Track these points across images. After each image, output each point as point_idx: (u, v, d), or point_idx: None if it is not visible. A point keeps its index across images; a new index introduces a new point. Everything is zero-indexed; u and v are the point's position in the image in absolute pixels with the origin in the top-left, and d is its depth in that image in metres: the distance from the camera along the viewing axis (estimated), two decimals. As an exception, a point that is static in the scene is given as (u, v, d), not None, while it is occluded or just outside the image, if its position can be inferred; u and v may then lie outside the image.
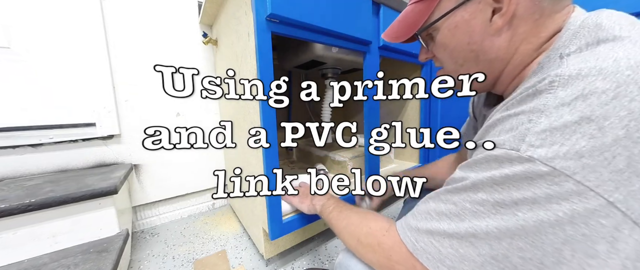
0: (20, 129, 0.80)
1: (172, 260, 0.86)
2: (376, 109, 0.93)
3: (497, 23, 0.31)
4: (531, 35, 0.31)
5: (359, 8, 0.79)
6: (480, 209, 0.25)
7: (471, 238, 0.26)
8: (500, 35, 0.32)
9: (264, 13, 0.60)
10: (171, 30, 1.06)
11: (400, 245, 0.33)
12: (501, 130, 0.27)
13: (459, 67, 0.38)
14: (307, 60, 1.00)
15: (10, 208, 0.58)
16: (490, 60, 0.34)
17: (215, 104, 1.21)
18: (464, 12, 0.34)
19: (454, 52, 0.37)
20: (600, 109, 0.20)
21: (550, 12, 0.30)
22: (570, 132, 0.21)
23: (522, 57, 0.32)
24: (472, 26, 0.33)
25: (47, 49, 0.83)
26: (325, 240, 0.95)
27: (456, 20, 0.35)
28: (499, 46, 0.33)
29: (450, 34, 0.36)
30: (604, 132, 0.20)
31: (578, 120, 0.21)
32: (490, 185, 0.25)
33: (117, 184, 0.71)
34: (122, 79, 0.97)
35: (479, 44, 0.34)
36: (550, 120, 0.22)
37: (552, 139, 0.22)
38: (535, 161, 0.22)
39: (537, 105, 0.24)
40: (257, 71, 0.62)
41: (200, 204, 1.24)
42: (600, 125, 0.20)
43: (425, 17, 0.38)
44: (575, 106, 0.21)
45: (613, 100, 0.20)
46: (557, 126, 0.22)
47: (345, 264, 0.45)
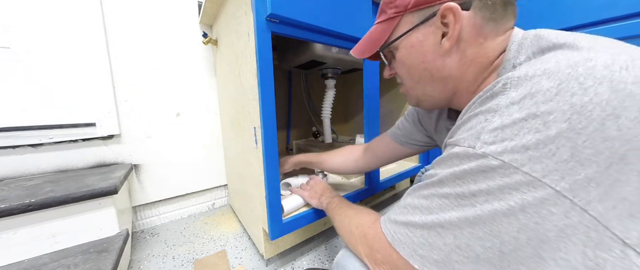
0: (20, 129, 0.80)
1: (172, 260, 0.86)
2: (376, 109, 0.93)
3: (445, 45, 0.35)
4: (479, 56, 0.34)
5: (358, 8, 0.79)
6: (446, 202, 0.28)
7: (438, 228, 0.28)
8: (451, 56, 0.35)
9: (264, 13, 0.60)
10: (171, 30, 1.06)
11: (381, 236, 0.36)
12: (463, 130, 0.29)
13: (415, 83, 0.41)
14: (307, 60, 1.00)
15: (10, 208, 0.58)
16: (444, 78, 0.37)
17: (215, 104, 1.21)
18: (418, 33, 0.37)
19: (410, 69, 0.40)
20: (544, 105, 0.22)
21: (494, 35, 0.34)
22: (518, 128, 0.23)
23: (474, 75, 0.35)
24: (425, 47, 0.37)
25: (47, 49, 0.83)
26: (325, 240, 0.95)
27: (412, 40, 0.38)
28: (450, 66, 0.36)
29: (407, 53, 0.39)
30: (548, 126, 0.21)
31: (525, 117, 0.23)
32: (453, 180, 0.27)
33: (117, 184, 0.71)
34: (122, 79, 0.97)
35: (431, 63, 0.37)
36: (502, 118, 0.24)
37: (502, 135, 0.24)
38: (487, 156, 0.24)
39: (492, 105, 0.26)
40: (257, 71, 0.62)
41: (200, 204, 1.24)
42: (544, 119, 0.22)
43: (386, 36, 0.41)
44: (523, 104, 0.23)
45: (556, 96, 0.22)
46: (507, 123, 0.24)
47: (343, 263, 0.46)
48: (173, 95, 1.09)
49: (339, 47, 0.80)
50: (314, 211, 0.77)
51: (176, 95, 1.10)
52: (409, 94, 0.45)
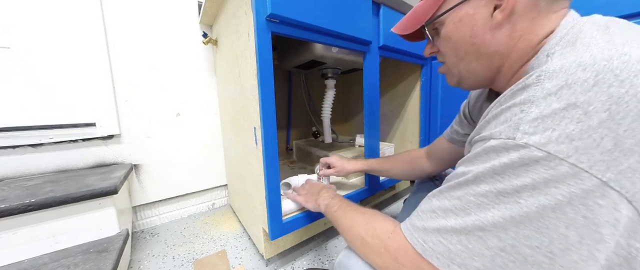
0: (20, 129, 0.80)
1: (172, 260, 0.86)
2: (376, 109, 0.93)
3: (497, 18, 0.33)
4: (528, 32, 0.33)
5: (359, 8, 0.79)
6: (485, 201, 0.26)
7: (479, 232, 0.26)
8: (501, 30, 0.34)
9: (264, 13, 0.60)
10: (171, 30, 1.06)
11: (407, 247, 0.33)
12: (497, 124, 0.28)
13: (459, 60, 0.40)
14: (307, 60, 1.00)
15: (10, 208, 0.58)
16: (490, 54, 0.36)
17: (215, 104, 1.21)
18: (469, 7, 0.36)
19: (456, 44, 0.39)
20: (583, 95, 0.22)
21: (546, 11, 0.32)
22: (560, 117, 0.22)
23: (520, 54, 0.34)
24: (475, 20, 0.36)
25: (47, 49, 0.83)
26: (325, 240, 0.95)
27: (461, 14, 0.37)
28: (498, 40, 0.35)
29: (455, 28, 0.38)
30: (590, 116, 0.21)
31: (565, 107, 0.22)
32: (491, 176, 0.26)
33: (117, 184, 0.71)
34: (122, 79, 0.97)
35: (480, 37, 0.36)
36: (541, 109, 0.24)
37: (544, 125, 0.23)
38: (530, 147, 0.23)
39: (527, 97, 0.25)
40: (257, 71, 0.62)
41: (200, 204, 1.24)
42: (585, 109, 0.21)
43: (432, 11, 0.40)
44: (561, 95, 0.23)
45: (594, 87, 0.22)
46: (547, 113, 0.23)
47: (346, 263, 0.45)
48: (173, 95, 1.09)
49: (339, 47, 0.80)
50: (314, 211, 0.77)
51: (176, 95, 1.10)
52: (450, 73, 0.43)
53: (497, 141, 0.26)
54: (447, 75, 0.45)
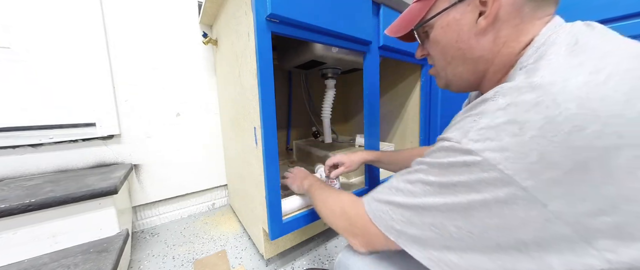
0: (20, 129, 0.80)
1: (172, 260, 0.86)
2: (376, 109, 0.93)
3: (481, 24, 0.35)
4: (512, 39, 0.34)
5: (359, 8, 0.79)
6: (429, 189, 0.31)
7: (419, 209, 0.32)
8: (485, 36, 0.36)
9: (264, 13, 0.60)
10: (171, 30, 1.06)
11: (362, 213, 0.40)
12: (455, 129, 0.31)
13: (447, 63, 0.42)
14: (307, 60, 1.00)
15: (10, 208, 0.58)
16: (475, 59, 0.38)
17: (215, 104, 1.21)
18: (455, 12, 0.38)
19: (444, 49, 0.41)
20: (524, 114, 0.25)
21: (531, 18, 0.33)
22: (500, 130, 0.26)
23: (503, 60, 0.36)
24: (461, 25, 0.37)
25: (47, 49, 0.83)
26: (325, 240, 0.95)
27: (448, 19, 0.39)
28: (483, 46, 0.36)
29: (442, 32, 0.40)
30: (524, 131, 0.24)
31: (506, 122, 0.26)
32: (439, 170, 0.30)
33: (117, 184, 0.71)
34: (122, 78, 0.97)
35: (466, 42, 0.38)
36: (487, 121, 0.27)
37: (486, 135, 0.26)
38: (472, 152, 0.27)
39: (482, 109, 0.29)
40: (257, 71, 0.62)
41: (200, 204, 1.24)
42: (521, 126, 0.24)
43: (422, 15, 0.42)
44: (508, 110, 0.26)
45: (534, 106, 0.24)
46: (492, 125, 0.26)
47: (345, 262, 0.46)
48: (173, 95, 1.09)
49: (339, 47, 0.80)
50: (314, 211, 0.77)
51: (176, 95, 1.10)
52: (439, 75, 0.45)
53: (449, 143, 0.30)
54: (436, 78, 0.47)
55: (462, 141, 0.28)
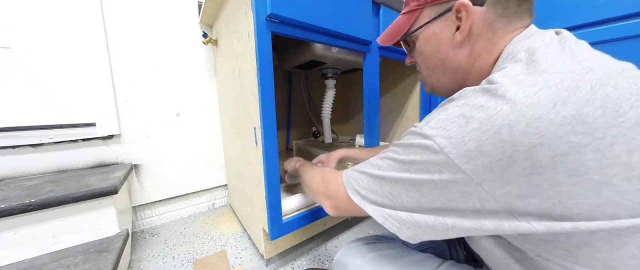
0: (20, 129, 0.80)
1: (172, 260, 0.86)
2: (376, 109, 0.93)
3: (457, 38, 0.39)
4: (485, 52, 0.38)
5: (359, 8, 0.79)
6: (392, 164, 0.36)
7: (381, 180, 0.37)
8: (462, 49, 0.40)
9: (264, 13, 0.60)
10: (171, 30, 1.06)
11: (338, 179, 0.46)
12: (424, 119, 0.36)
13: (430, 72, 0.46)
14: (307, 60, 1.00)
15: (10, 208, 0.58)
16: (454, 69, 0.42)
17: (215, 104, 1.21)
18: (435, 26, 0.42)
19: (427, 59, 0.45)
20: (471, 111, 0.29)
21: (503, 32, 0.37)
22: (451, 122, 0.30)
23: (480, 70, 0.39)
24: (441, 38, 0.41)
25: (47, 49, 0.83)
26: (325, 240, 0.95)
27: (429, 32, 0.43)
28: (460, 58, 0.40)
29: (425, 43, 0.44)
30: (468, 124, 0.28)
31: (458, 116, 0.30)
32: (402, 149, 0.35)
33: (117, 184, 0.71)
34: (122, 78, 0.97)
35: (445, 54, 0.42)
36: (445, 114, 0.31)
37: (441, 124, 0.31)
38: (428, 136, 0.31)
39: (447, 106, 0.33)
40: (257, 71, 0.62)
41: (200, 204, 1.24)
42: (467, 120, 0.29)
43: (407, 27, 0.46)
44: (462, 107, 0.30)
45: (480, 107, 0.29)
46: (447, 118, 0.31)
47: (343, 261, 0.47)
48: (173, 95, 1.09)
49: (339, 47, 0.80)
50: (314, 211, 0.77)
51: (176, 95, 1.10)
52: (425, 82, 0.50)
53: (414, 128, 0.35)
54: (424, 84, 0.51)
55: (423, 128, 0.33)
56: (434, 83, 0.47)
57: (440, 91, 0.48)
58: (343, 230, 1.01)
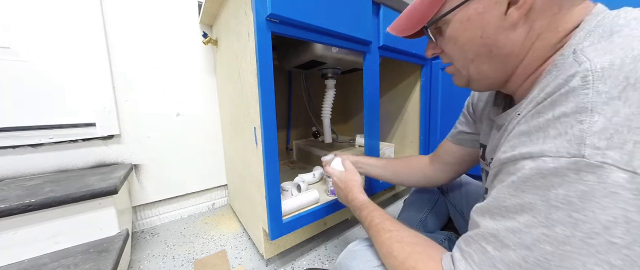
0: (20, 129, 0.80)
1: (172, 260, 0.86)
2: (376, 109, 0.93)
3: (512, 16, 0.30)
4: (548, 30, 0.29)
5: (359, 8, 0.79)
6: (568, 250, 0.20)
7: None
8: (516, 30, 0.30)
9: (264, 13, 0.60)
10: (171, 30, 1.06)
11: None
12: (543, 138, 0.23)
13: (469, 62, 0.35)
14: (307, 60, 1.00)
15: (10, 208, 0.58)
16: (505, 55, 0.32)
17: (215, 104, 1.21)
18: (478, 4, 0.31)
19: (465, 46, 0.35)
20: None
21: (569, 5, 0.29)
22: (637, 125, 0.19)
23: (537, 53, 0.31)
24: (486, 19, 0.31)
25: (47, 49, 0.83)
26: (325, 240, 0.95)
27: (469, 13, 0.33)
28: (514, 41, 0.31)
29: (462, 28, 0.34)
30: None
31: (638, 111, 0.19)
32: (568, 213, 0.20)
33: (117, 184, 0.71)
34: (122, 78, 0.97)
35: (492, 38, 0.32)
36: (607, 116, 0.19)
37: (619, 137, 0.19)
38: (610, 167, 0.19)
39: (580, 104, 0.21)
40: (257, 71, 0.62)
41: (200, 204, 1.24)
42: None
43: (435, 10, 0.35)
44: (628, 97, 0.19)
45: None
46: (619, 122, 0.19)
47: (347, 264, 0.44)
48: (173, 95, 1.09)
49: (339, 47, 0.80)
50: (314, 211, 0.77)
51: (176, 95, 1.10)
52: (459, 74, 0.39)
53: (556, 161, 0.21)
54: (454, 76, 0.40)
55: (584, 153, 0.20)
56: (474, 74, 0.36)
57: (480, 84, 0.38)
58: (343, 230, 1.01)
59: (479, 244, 0.27)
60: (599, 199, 0.19)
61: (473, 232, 0.29)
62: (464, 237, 0.30)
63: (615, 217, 0.19)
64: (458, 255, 0.29)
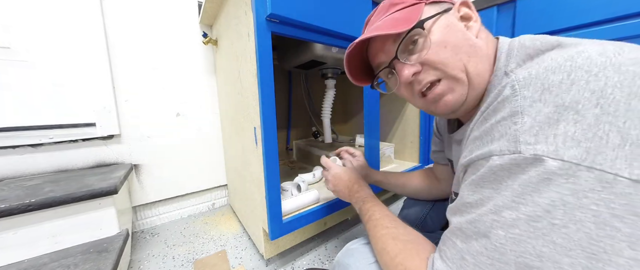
0: (20, 129, 0.80)
1: (172, 260, 0.86)
2: (376, 109, 0.93)
3: (474, 26, 0.35)
4: (488, 48, 0.35)
5: (358, 8, 0.79)
6: (517, 233, 0.23)
7: (524, 268, 0.23)
8: (480, 39, 0.35)
9: (264, 13, 0.60)
10: (171, 30, 1.06)
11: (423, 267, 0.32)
12: (490, 140, 0.27)
13: (467, 60, 0.34)
14: (307, 60, 1.00)
15: (10, 208, 0.58)
16: (487, 55, 0.35)
17: (215, 104, 1.21)
18: (446, 18, 0.35)
19: (456, 46, 0.34)
20: (566, 94, 0.22)
21: (487, 40, 0.35)
22: (555, 121, 0.22)
23: (482, 76, 0.34)
24: (459, 27, 0.35)
25: (47, 49, 0.83)
26: (325, 240, 0.95)
27: (447, 21, 0.35)
28: (482, 46, 0.35)
29: (447, 31, 0.34)
30: (583, 114, 0.21)
31: (555, 110, 0.22)
32: (513, 201, 0.24)
33: (117, 184, 0.71)
34: (122, 79, 0.97)
35: (472, 40, 0.34)
36: (532, 116, 0.23)
37: (543, 132, 0.22)
38: (541, 158, 0.22)
39: (512, 109, 0.25)
40: (257, 71, 0.62)
41: (200, 204, 1.24)
42: (575, 109, 0.21)
43: (415, 17, 0.35)
44: (546, 99, 0.23)
45: (572, 85, 0.22)
46: (541, 119, 0.23)
47: (344, 262, 0.45)
48: (173, 95, 1.09)
49: (339, 47, 0.80)
50: (314, 211, 0.77)
51: (176, 95, 1.10)
52: (455, 84, 0.35)
53: (501, 158, 0.24)
54: (448, 94, 0.35)
55: (520, 149, 0.23)
56: (474, 74, 0.34)
57: (477, 88, 0.35)
58: (343, 230, 1.01)
59: (451, 240, 0.30)
60: (535, 184, 0.22)
61: (447, 230, 0.32)
62: (442, 236, 0.32)
63: (553, 201, 0.21)
64: (437, 254, 0.32)
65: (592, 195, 0.20)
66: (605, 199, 0.20)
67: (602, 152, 0.20)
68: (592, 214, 0.20)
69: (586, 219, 0.20)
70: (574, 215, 0.21)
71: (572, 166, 0.21)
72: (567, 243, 0.21)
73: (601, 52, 0.22)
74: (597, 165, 0.20)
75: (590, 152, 0.20)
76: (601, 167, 0.20)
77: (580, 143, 0.21)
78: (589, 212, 0.20)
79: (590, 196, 0.20)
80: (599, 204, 0.20)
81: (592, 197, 0.20)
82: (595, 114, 0.20)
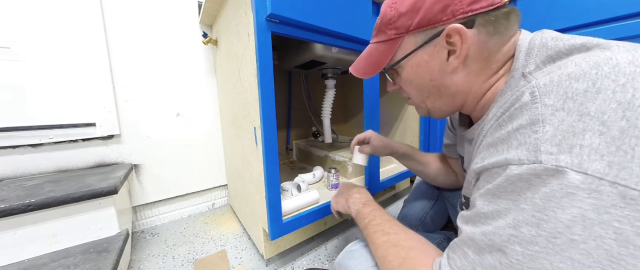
0: (20, 129, 0.80)
1: (172, 260, 0.86)
2: (376, 109, 0.93)
3: (453, 63, 0.35)
4: (482, 69, 0.35)
5: (358, 8, 0.79)
6: (536, 250, 0.22)
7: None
8: (457, 73, 0.36)
9: (264, 13, 0.60)
10: (171, 30, 1.06)
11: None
12: (507, 148, 0.26)
13: (425, 98, 0.41)
14: (307, 60, 1.00)
15: (10, 208, 0.58)
16: (452, 94, 0.38)
17: (215, 104, 1.21)
18: (423, 53, 0.37)
19: (419, 87, 0.40)
20: (592, 104, 0.21)
21: (498, 47, 0.34)
22: (580, 130, 0.21)
23: (478, 86, 0.36)
24: (432, 66, 0.37)
25: (47, 49, 0.83)
26: (325, 240, 0.95)
27: (418, 59, 0.38)
28: (457, 82, 0.36)
29: (414, 72, 0.39)
30: (608, 126, 0.20)
31: (579, 118, 0.21)
32: (532, 215, 0.22)
33: (117, 184, 0.71)
34: (122, 78, 0.97)
35: (440, 80, 0.37)
36: (554, 125, 0.22)
37: (567, 142, 0.21)
38: (564, 170, 0.21)
39: (532, 117, 0.24)
40: (257, 71, 0.62)
41: (200, 204, 1.24)
42: (601, 120, 0.20)
43: (388, 57, 0.40)
44: (569, 107, 0.22)
45: (598, 94, 0.21)
46: (565, 129, 0.22)
47: (345, 264, 0.45)
48: (173, 95, 1.09)
49: (339, 47, 0.80)
50: (314, 211, 0.77)
51: (176, 95, 1.10)
52: (418, 107, 0.44)
53: (520, 168, 0.23)
54: (416, 108, 0.46)
55: (541, 159, 0.22)
56: (431, 108, 0.42)
57: (438, 115, 0.43)
58: (343, 230, 1.01)
59: (461, 249, 0.29)
60: (558, 199, 0.21)
61: (458, 238, 0.31)
62: (451, 243, 0.32)
63: (574, 216, 0.21)
64: (444, 261, 0.31)
65: (615, 212, 0.19)
66: (628, 216, 0.19)
67: (627, 167, 0.19)
68: (613, 231, 0.19)
69: (607, 236, 0.20)
70: (593, 231, 0.20)
71: (595, 180, 0.20)
72: (586, 259, 0.20)
73: (631, 61, 0.22)
74: (621, 181, 0.19)
75: (614, 167, 0.19)
76: (625, 182, 0.19)
77: (603, 156, 0.20)
78: (610, 228, 0.19)
79: (612, 212, 0.19)
80: (622, 221, 0.19)
81: (614, 213, 0.19)
82: (621, 127, 0.20)
